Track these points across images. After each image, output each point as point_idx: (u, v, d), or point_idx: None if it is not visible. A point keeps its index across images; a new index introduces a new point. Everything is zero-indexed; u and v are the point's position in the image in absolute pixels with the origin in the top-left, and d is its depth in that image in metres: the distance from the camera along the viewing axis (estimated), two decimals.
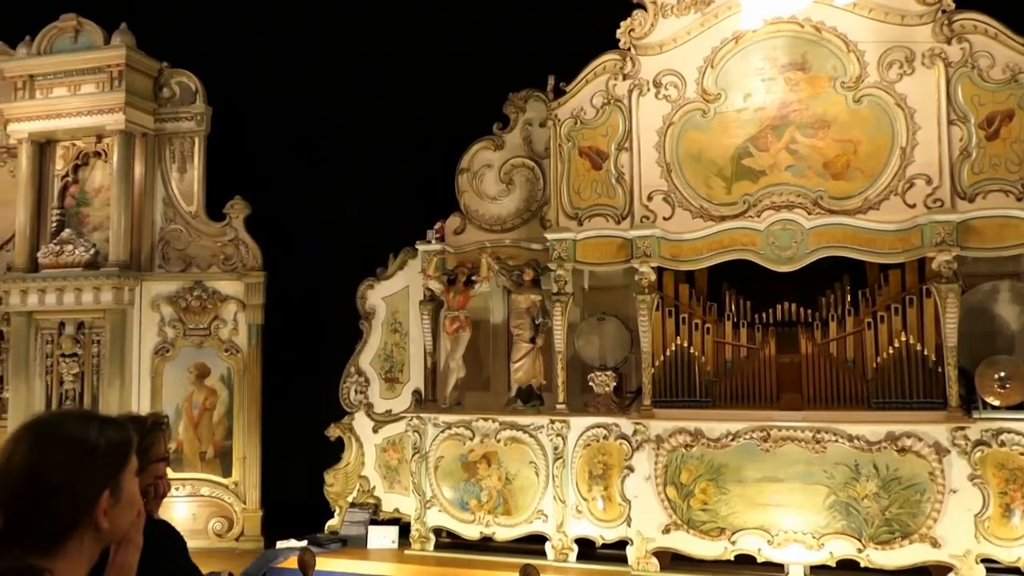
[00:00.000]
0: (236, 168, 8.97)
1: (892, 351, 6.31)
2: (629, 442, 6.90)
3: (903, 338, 6.29)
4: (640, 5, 7.22)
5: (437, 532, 7.57)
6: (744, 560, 6.53)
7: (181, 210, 8.93)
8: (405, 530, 7.74)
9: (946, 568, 6.07)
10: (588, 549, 7.10)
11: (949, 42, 6.39)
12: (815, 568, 6.42)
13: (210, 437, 8.69)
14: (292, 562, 6.72)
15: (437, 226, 7.91)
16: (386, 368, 8.35)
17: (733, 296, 6.91)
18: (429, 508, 7.53)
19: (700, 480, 6.63)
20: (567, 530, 7.09)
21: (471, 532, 7.42)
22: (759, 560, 6.48)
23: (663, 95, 7.08)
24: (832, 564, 6.34)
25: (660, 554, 6.72)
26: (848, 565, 6.31)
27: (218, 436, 8.69)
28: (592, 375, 7.29)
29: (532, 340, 7.42)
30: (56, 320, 8.73)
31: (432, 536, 7.54)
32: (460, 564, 7.16)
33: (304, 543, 7.33)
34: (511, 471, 7.30)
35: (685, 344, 6.76)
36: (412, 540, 7.56)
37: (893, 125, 6.48)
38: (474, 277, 7.64)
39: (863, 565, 6.25)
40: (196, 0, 9.18)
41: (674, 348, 6.78)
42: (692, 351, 6.74)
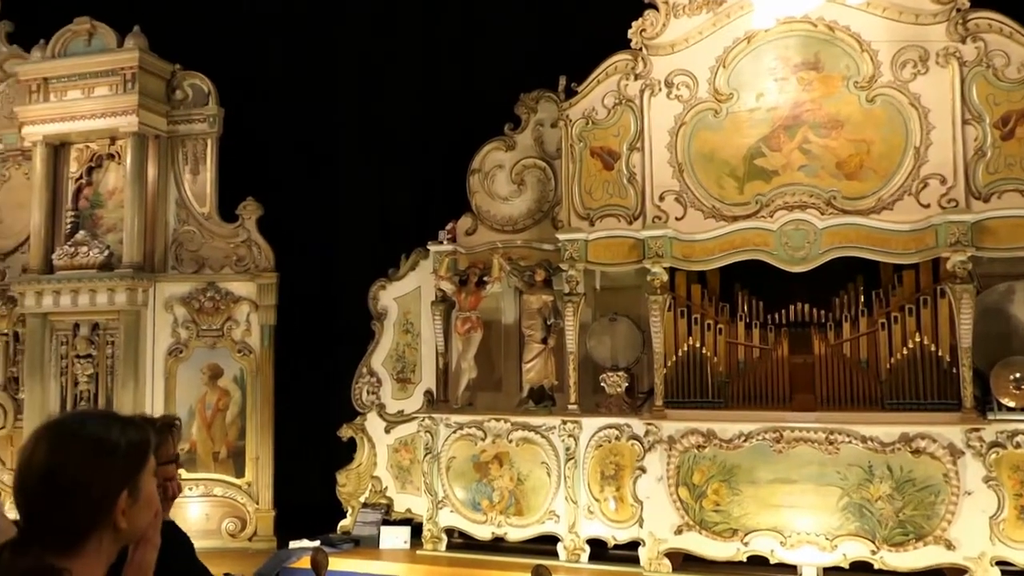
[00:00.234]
0: (248, 169, 9.00)
1: (906, 352, 6.28)
2: (641, 443, 6.89)
3: (917, 339, 6.25)
4: (652, 5, 7.21)
5: (449, 532, 7.58)
6: (757, 561, 6.51)
7: (194, 211, 8.97)
8: (417, 530, 7.76)
9: (961, 570, 6.04)
10: (600, 550, 7.09)
11: (964, 41, 6.36)
12: (828, 570, 6.39)
13: (223, 437, 8.72)
14: (305, 562, 6.75)
15: (449, 227, 7.92)
16: (398, 369, 8.36)
17: (745, 296, 6.89)
18: (441, 508, 7.54)
19: (712, 481, 6.61)
20: (579, 531, 7.08)
21: (483, 532, 7.43)
22: (772, 561, 6.47)
23: (675, 95, 7.06)
24: (845, 566, 6.31)
25: (672, 555, 6.71)
26: (862, 567, 6.28)
27: (231, 436, 8.72)
28: (604, 376, 7.28)
29: (544, 341, 7.42)
30: (71, 321, 8.78)
31: (444, 536, 7.56)
32: (472, 564, 7.17)
33: (317, 543, 7.35)
34: (523, 472, 7.30)
35: (697, 345, 6.75)
36: (424, 540, 7.57)
37: (907, 125, 6.45)
38: (486, 278, 7.64)
39: (877, 567, 6.23)
40: (208, 2, 9.22)
41: (686, 349, 6.77)
42: (704, 352, 6.73)
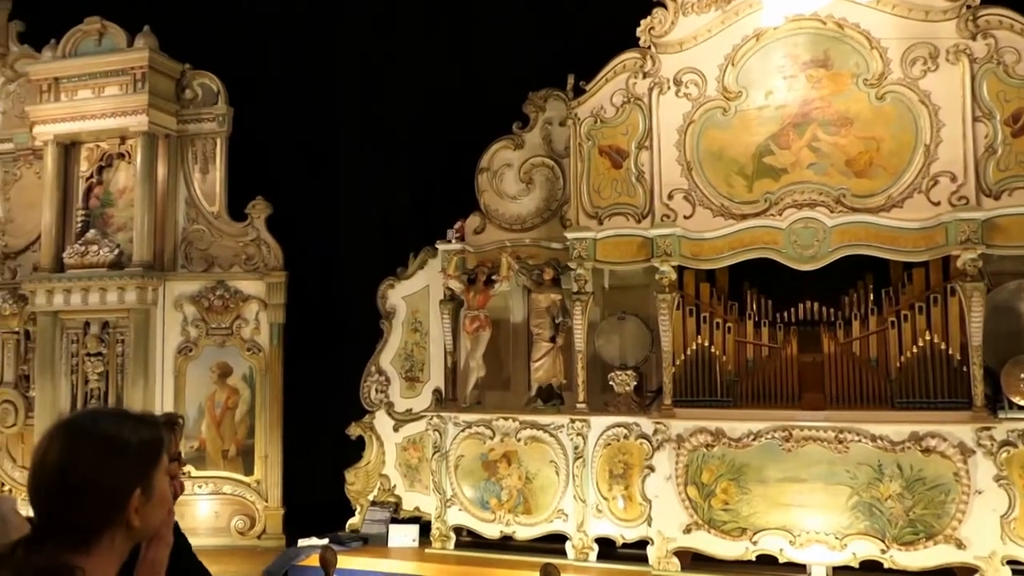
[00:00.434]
0: (257, 168, 9.03)
1: (916, 350, 6.25)
2: (650, 441, 6.88)
3: (927, 337, 6.23)
4: (661, 3, 7.20)
5: (457, 531, 7.59)
6: (766, 560, 6.50)
7: (203, 210, 9.01)
8: (426, 529, 7.77)
9: (971, 570, 6.01)
10: (608, 549, 7.09)
11: (974, 38, 6.32)
12: (838, 569, 6.37)
13: (232, 436, 8.75)
14: (313, 560, 6.75)
15: (457, 225, 7.93)
16: (406, 367, 8.37)
17: (754, 295, 6.87)
18: (449, 507, 7.55)
19: (721, 480, 6.60)
20: (587, 529, 7.08)
21: (491, 531, 7.43)
22: (781, 561, 6.45)
23: (683, 93, 7.05)
24: (855, 565, 6.29)
25: (681, 554, 6.70)
26: (871, 566, 6.26)
27: (240, 435, 8.75)
28: (612, 374, 7.27)
29: (552, 339, 7.42)
30: (81, 320, 8.84)
31: (452, 535, 7.56)
32: (480, 563, 7.18)
33: (325, 541, 7.38)
34: (531, 470, 7.30)
35: (706, 343, 6.73)
36: (432, 539, 7.59)
37: (917, 122, 6.42)
38: (494, 276, 7.65)
39: (887, 566, 6.20)
40: (218, 2, 9.24)
41: (695, 347, 6.76)
42: (713, 350, 6.71)
